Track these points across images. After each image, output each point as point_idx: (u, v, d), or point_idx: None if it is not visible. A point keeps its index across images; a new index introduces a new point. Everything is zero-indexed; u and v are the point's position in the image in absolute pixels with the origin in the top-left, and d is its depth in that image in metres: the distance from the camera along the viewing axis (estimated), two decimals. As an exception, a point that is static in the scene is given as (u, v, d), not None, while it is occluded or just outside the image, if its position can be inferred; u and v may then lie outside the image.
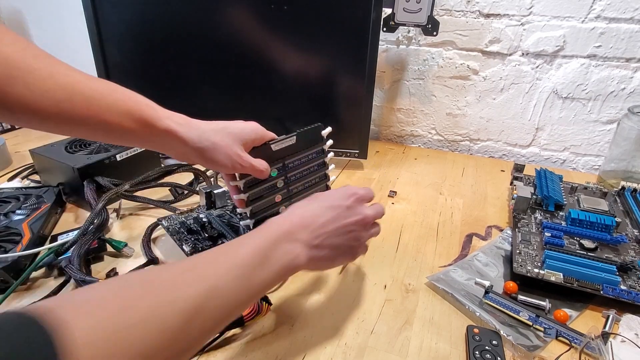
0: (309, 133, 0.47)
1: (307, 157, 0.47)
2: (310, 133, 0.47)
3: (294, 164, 0.46)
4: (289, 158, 0.46)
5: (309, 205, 0.39)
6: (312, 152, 0.47)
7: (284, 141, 0.45)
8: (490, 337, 0.40)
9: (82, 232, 0.50)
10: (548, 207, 0.60)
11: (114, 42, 0.73)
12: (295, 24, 0.68)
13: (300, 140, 0.46)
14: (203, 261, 0.30)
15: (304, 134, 0.46)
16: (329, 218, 0.37)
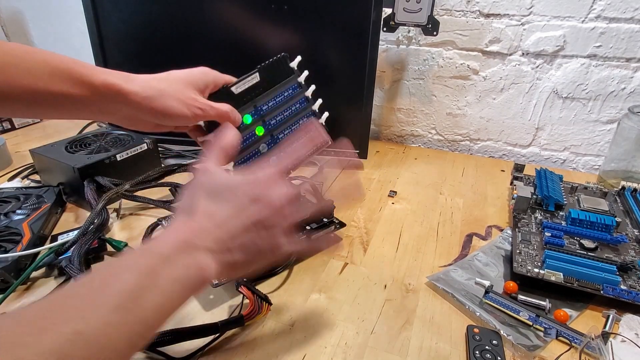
0: (273, 66, 0.42)
1: (282, 95, 0.42)
2: (276, 66, 0.42)
3: (268, 105, 0.42)
4: (260, 100, 0.41)
5: (199, 200, 0.30)
6: (286, 87, 0.43)
7: (245, 81, 0.41)
8: (491, 337, 0.40)
9: (82, 232, 0.50)
10: (548, 207, 0.60)
11: (114, 42, 0.73)
12: (295, 24, 0.68)
13: (266, 77, 0.41)
14: (73, 294, 0.24)
15: (268, 68, 0.42)
16: (229, 213, 0.30)
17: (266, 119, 0.42)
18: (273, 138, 0.41)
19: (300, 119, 0.43)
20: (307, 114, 0.43)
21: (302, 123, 0.43)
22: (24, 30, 1.22)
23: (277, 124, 0.42)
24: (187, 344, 0.38)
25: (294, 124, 0.43)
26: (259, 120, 0.41)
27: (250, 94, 0.41)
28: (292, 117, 0.43)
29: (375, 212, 0.64)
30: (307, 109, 0.44)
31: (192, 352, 0.38)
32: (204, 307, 0.44)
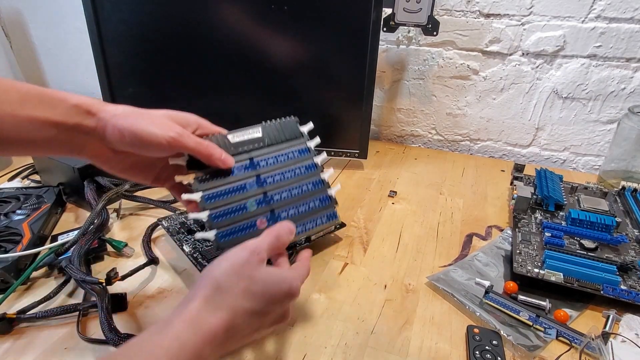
0: (281, 127, 0.40)
1: (284, 156, 0.39)
2: (283, 127, 0.40)
3: (266, 162, 0.38)
4: (258, 154, 0.38)
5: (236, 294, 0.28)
6: (291, 149, 0.39)
7: (245, 132, 0.38)
8: (491, 337, 0.40)
9: (82, 232, 0.50)
10: (548, 207, 0.60)
11: (114, 42, 0.73)
12: (295, 24, 0.68)
13: (269, 134, 0.39)
14: None
15: (274, 127, 0.39)
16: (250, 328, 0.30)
17: (261, 175, 0.37)
18: (266, 197, 0.36)
19: (304, 185, 0.39)
20: (314, 182, 0.39)
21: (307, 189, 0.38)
22: (24, 30, 1.22)
23: (273, 182, 0.37)
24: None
25: (295, 187, 0.38)
26: (251, 175, 0.37)
27: (248, 146, 0.38)
28: (294, 181, 0.38)
29: (375, 212, 0.64)
30: (314, 176, 0.39)
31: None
32: (204, 307, 0.44)
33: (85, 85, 1.23)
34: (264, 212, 0.36)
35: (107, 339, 0.37)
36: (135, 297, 0.45)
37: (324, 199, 0.39)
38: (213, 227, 0.34)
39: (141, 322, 0.42)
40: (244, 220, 0.35)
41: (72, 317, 0.42)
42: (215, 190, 0.35)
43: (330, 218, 0.39)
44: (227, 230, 0.34)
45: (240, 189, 0.36)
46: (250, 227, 0.35)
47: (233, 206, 0.35)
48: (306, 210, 0.38)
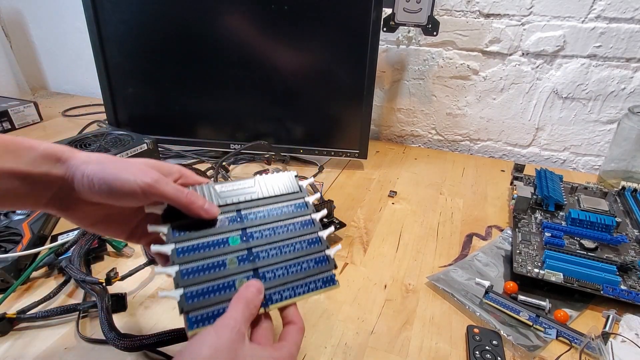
0: (276, 180, 0.36)
1: (278, 210, 0.35)
2: (279, 180, 0.36)
3: (256, 215, 0.34)
4: (247, 207, 0.34)
5: None
6: (286, 204, 0.35)
7: (235, 183, 0.35)
8: (491, 337, 0.40)
9: (82, 232, 0.50)
10: (548, 207, 0.60)
11: (114, 42, 0.73)
12: (295, 24, 0.68)
13: (263, 186, 0.35)
14: None
15: (268, 180, 0.36)
16: None
17: (248, 230, 0.33)
18: (250, 254, 0.32)
19: (297, 242, 0.34)
20: (310, 240, 0.34)
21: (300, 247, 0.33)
22: (24, 30, 1.22)
23: (261, 238, 0.33)
24: (187, 344, 0.38)
25: (287, 245, 0.33)
26: (236, 228, 0.32)
27: (237, 197, 0.34)
28: (286, 237, 0.34)
29: (375, 212, 0.64)
30: (311, 234, 0.34)
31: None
32: (204, 307, 0.44)
33: (85, 85, 1.23)
34: (246, 270, 0.31)
35: (107, 339, 0.37)
36: (135, 297, 0.45)
37: (320, 259, 0.33)
38: (180, 285, 0.29)
39: (141, 322, 0.42)
40: (219, 279, 0.30)
41: (72, 317, 0.42)
42: (191, 243, 0.31)
43: (327, 283, 0.32)
44: (198, 289, 0.29)
45: (221, 243, 0.31)
46: (226, 288, 0.30)
47: (209, 262, 0.30)
48: (298, 271, 0.32)
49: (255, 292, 0.29)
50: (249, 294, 0.29)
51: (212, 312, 0.28)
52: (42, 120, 0.99)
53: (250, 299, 0.29)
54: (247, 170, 0.77)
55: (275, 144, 0.75)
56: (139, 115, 0.79)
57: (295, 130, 0.77)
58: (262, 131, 0.77)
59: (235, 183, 0.35)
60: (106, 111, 0.79)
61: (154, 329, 0.41)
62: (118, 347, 0.36)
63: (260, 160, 0.79)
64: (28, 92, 1.23)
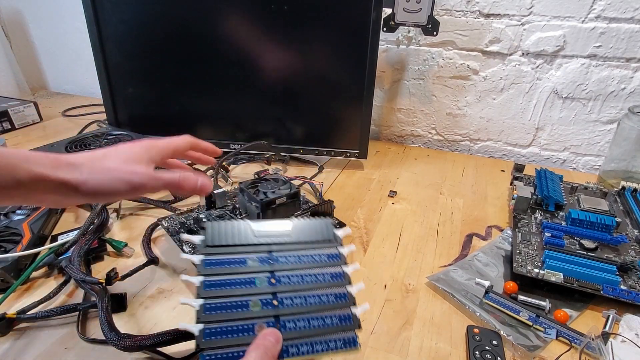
0: (312, 226, 0.36)
1: (310, 257, 0.34)
2: (315, 226, 0.36)
3: (286, 259, 0.33)
4: (279, 249, 0.34)
5: None
6: (319, 252, 0.35)
7: (272, 223, 0.35)
8: (491, 337, 0.40)
9: (82, 232, 0.50)
10: (548, 207, 0.60)
11: (114, 42, 0.73)
12: (295, 24, 0.68)
13: (298, 230, 0.35)
14: None
15: (305, 224, 0.36)
16: None
17: (277, 273, 0.33)
18: (274, 298, 0.31)
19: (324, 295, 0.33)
20: (337, 294, 0.33)
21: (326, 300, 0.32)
22: (24, 30, 1.22)
23: (289, 284, 0.33)
24: (187, 344, 0.38)
25: (313, 296, 0.32)
26: (265, 270, 0.33)
27: (271, 238, 0.34)
28: (313, 287, 0.33)
29: (375, 212, 0.64)
30: (339, 286, 0.33)
31: (192, 352, 0.38)
32: (204, 307, 0.44)
33: (85, 85, 1.23)
34: (268, 316, 0.30)
35: (107, 339, 0.37)
36: (135, 297, 0.45)
37: (344, 317, 0.32)
38: (201, 320, 0.29)
39: (141, 322, 0.42)
40: (240, 320, 0.30)
41: (72, 317, 0.42)
42: (219, 278, 0.31)
43: (348, 344, 0.31)
44: (217, 328, 0.29)
45: (248, 283, 0.32)
46: (244, 331, 0.29)
47: (233, 301, 0.30)
48: (320, 326, 0.31)
49: (274, 342, 0.29)
50: (267, 342, 0.28)
51: (226, 354, 0.28)
52: (42, 120, 0.99)
53: (268, 347, 0.28)
54: (247, 170, 0.77)
55: (275, 144, 0.75)
56: (139, 115, 0.79)
57: (295, 130, 0.77)
58: (262, 131, 0.77)
59: (271, 223, 0.35)
60: (106, 111, 0.79)
61: (154, 329, 0.41)
62: (118, 347, 0.36)
63: (260, 160, 0.80)
64: (28, 92, 1.23)
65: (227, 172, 0.73)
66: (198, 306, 0.30)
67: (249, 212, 0.53)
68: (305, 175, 0.74)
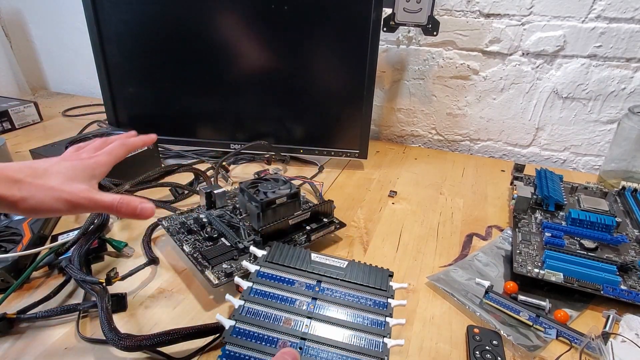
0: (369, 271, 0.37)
1: (356, 298, 0.34)
2: (372, 272, 0.37)
3: (332, 292, 0.34)
4: (328, 281, 0.35)
5: None
6: (367, 296, 0.35)
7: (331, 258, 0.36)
8: (491, 337, 0.40)
9: (82, 232, 0.50)
10: (548, 207, 0.60)
11: (114, 42, 0.73)
12: (295, 24, 0.68)
13: (353, 272, 0.36)
14: None
15: (362, 268, 0.36)
16: None
17: (318, 301, 0.34)
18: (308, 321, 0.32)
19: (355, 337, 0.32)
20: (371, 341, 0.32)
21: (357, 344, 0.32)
22: (24, 30, 1.22)
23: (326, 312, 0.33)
24: (187, 344, 0.38)
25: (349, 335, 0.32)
26: (308, 295, 0.34)
27: (324, 270, 0.36)
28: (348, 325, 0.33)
29: (375, 212, 0.64)
30: (376, 335, 0.33)
31: (192, 352, 0.38)
32: (204, 307, 0.44)
33: (85, 85, 1.23)
34: (295, 336, 0.31)
35: (107, 339, 0.37)
36: (135, 297, 0.45)
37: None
38: (235, 317, 0.32)
39: (141, 322, 0.42)
40: (268, 331, 0.31)
41: (72, 317, 0.42)
42: (265, 289, 0.34)
43: None
44: (246, 330, 0.31)
45: (288, 301, 0.33)
46: (268, 342, 0.30)
47: (270, 312, 0.32)
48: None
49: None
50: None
51: (244, 356, 0.30)
52: (42, 120, 0.99)
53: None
54: (247, 170, 0.77)
55: (275, 144, 0.75)
56: (139, 115, 0.79)
57: (295, 130, 0.77)
58: (262, 131, 0.77)
59: (330, 258, 0.37)
60: (106, 111, 0.79)
61: (154, 329, 0.41)
62: (118, 347, 0.36)
63: (261, 160, 0.80)
64: (28, 92, 1.23)
65: (227, 172, 0.73)
66: (237, 306, 0.32)
67: (249, 212, 0.53)
68: (306, 175, 0.74)
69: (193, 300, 0.45)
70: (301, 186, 0.68)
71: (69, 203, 0.31)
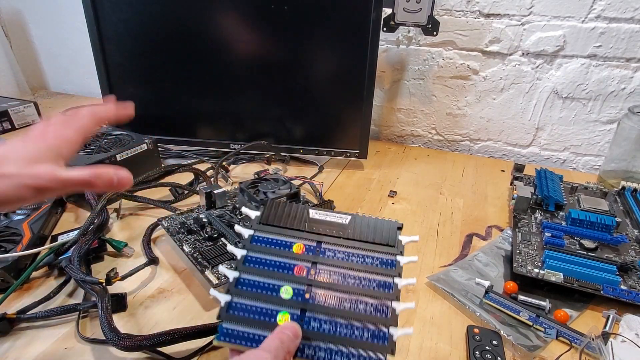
0: (375, 225, 0.33)
1: (360, 257, 0.31)
2: (378, 225, 0.33)
3: (334, 253, 0.31)
4: (329, 240, 0.32)
5: None
6: (373, 254, 0.32)
7: (330, 214, 0.33)
8: (491, 337, 0.40)
9: (82, 232, 0.49)
10: (548, 207, 0.60)
11: (114, 42, 0.73)
12: (295, 24, 0.68)
13: (357, 227, 0.33)
14: None
15: (366, 221, 0.33)
16: None
17: (319, 265, 0.31)
18: (308, 290, 0.29)
19: (364, 302, 0.29)
20: (378, 306, 0.29)
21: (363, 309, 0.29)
22: (24, 30, 1.22)
23: (327, 279, 0.30)
24: (187, 344, 0.38)
25: (350, 300, 0.29)
26: (308, 259, 0.31)
27: (324, 229, 0.32)
28: (354, 291, 0.30)
29: (375, 212, 0.64)
30: (383, 298, 0.30)
31: (192, 352, 0.38)
32: (204, 307, 0.44)
33: (85, 85, 1.23)
34: (295, 307, 0.29)
35: (107, 339, 0.37)
36: (135, 297, 0.45)
37: (378, 335, 0.28)
38: (231, 292, 0.29)
39: (141, 322, 0.42)
40: (267, 303, 0.29)
41: (72, 317, 0.42)
42: (260, 255, 0.31)
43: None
44: (244, 305, 0.29)
45: (286, 268, 0.30)
46: (268, 316, 0.28)
47: (267, 282, 0.30)
48: (346, 335, 0.28)
49: (292, 337, 0.27)
50: (284, 335, 0.27)
51: (241, 332, 0.28)
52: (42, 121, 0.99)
53: (284, 341, 0.27)
54: (247, 170, 0.77)
55: (275, 144, 0.75)
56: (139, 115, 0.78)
57: (295, 130, 0.77)
58: (262, 131, 0.77)
59: (331, 213, 0.33)
60: (106, 111, 0.78)
61: (154, 329, 0.41)
62: (118, 347, 0.36)
63: (261, 160, 0.80)
64: (28, 92, 1.23)
65: (227, 172, 0.73)
66: (232, 279, 0.29)
67: (249, 212, 0.52)
68: (305, 175, 0.74)
69: (193, 300, 0.45)
70: (301, 186, 0.68)
71: (34, 189, 0.28)
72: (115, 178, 0.31)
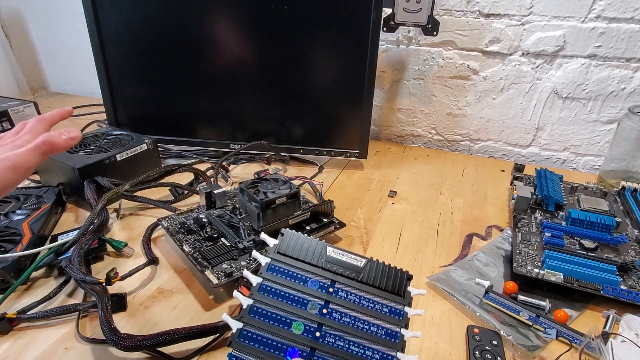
0: (387, 272, 0.34)
1: (371, 303, 0.32)
2: (390, 274, 0.34)
3: (347, 295, 0.32)
4: (343, 281, 0.32)
5: None
6: (383, 302, 0.32)
7: (348, 254, 0.34)
8: (491, 337, 0.40)
9: (82, 232, 0.49)
10: (548, 207, 0.60)
11: (114, 42, 0.73)
12: (295, 24, 0.68)
13: (370, 272, 0.33)
14: None
15: (380, 268, 0.34)
16: None
17: (331, 305, 0.31)
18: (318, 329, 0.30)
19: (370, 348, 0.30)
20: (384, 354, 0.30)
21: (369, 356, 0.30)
22: (24, 30, 1.22)
23: (338, 321, 0.30)
24: (187, 344, 0.38)
25: (357, 345, 0.30)
26: (321, 297, 0.31)
27: (339, 269, 0.33)
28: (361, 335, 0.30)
29: (375, 212, 0.64)
30: (390, 347, 0.30)
31: (192, 352, 0.38)
32: (204, 307, 0.44)
33: (85, 85, 1.23)
34: (304, 344, 0.29)
35: (107, 339, 0.37)
36: (135, 297, 0.45)
37: None
38: (243, 319, 0.29)
39: (141, 322, 0.42)
40: (278, 337, 0.29)
41: (72, 317, 0.42)
42: (275, 286, 0.31)
43: None
44: (255, 335, 0.29)
45: (300, 302, 0.31)
46: (277, 350, 0.28)
47: (279, 315, 0.30)
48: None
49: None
50: None
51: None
52: (42, 120, 0.99)
53: None
54: (247, 170, 0.77)
55: (275, 144, 0.75)
56: (139, 115, 0.79)
57: (295, 130, 0.77)
58: (262, 131, 0.77)
59: (348, 254, 0.34)
60: (106, 111, 0.79)
61: (154, 329, 0.41)
62: (118, 347, 0.36)
63: (260, 160, 0.80)
64: (28, 92, 1.23)
65: (227, 172, 0.73)
66: (246, 305, 0.30)
67: (249, 212, 0.53)
68: (305, 175, 0.74)
69: (193, 300, 0.45)
70: (301, 186, 0.68)
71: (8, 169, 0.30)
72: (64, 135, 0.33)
